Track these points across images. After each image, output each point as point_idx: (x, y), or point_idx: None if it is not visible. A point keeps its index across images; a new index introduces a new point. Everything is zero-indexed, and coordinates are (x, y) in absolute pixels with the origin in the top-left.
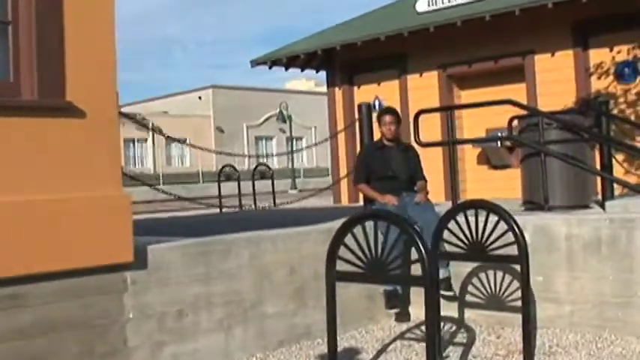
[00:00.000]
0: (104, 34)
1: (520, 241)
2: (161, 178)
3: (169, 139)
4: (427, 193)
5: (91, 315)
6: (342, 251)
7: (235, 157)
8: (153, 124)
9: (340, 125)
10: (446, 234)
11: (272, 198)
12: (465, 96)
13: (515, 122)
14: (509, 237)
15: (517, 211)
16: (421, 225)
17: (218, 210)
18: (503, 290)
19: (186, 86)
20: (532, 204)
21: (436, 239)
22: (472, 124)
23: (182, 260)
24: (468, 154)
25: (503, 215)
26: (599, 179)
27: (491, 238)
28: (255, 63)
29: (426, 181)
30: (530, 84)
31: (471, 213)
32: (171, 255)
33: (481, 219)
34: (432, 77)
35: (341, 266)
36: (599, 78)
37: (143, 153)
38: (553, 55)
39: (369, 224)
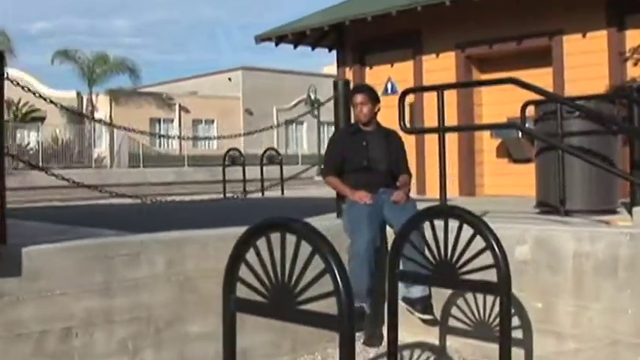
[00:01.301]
0: None
1: (500, 264)
2: (186, 159)
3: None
4: (409, 190)
5: None
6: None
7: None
8: (180, 105)
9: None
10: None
11: (281, 185)
12: (486, 79)
13: (532, 110)
14: (489, 257)
15: (527, 213)
16: (396, 229)
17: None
18: (493, 316)
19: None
20: (546, 206)
21: (395, 254)
22: (492, 113)
23: (72, 266)
24: (487, 146)
25: (480, 228)
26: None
27: (464, 258)
28: (259, 39)
29: (410, 175)
30: (557, 68)
31: (441, 222)
32: (55, 259)
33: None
34: (449, 58)
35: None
36: (635, 64)
37: (170, 133)
38: (584, 35)
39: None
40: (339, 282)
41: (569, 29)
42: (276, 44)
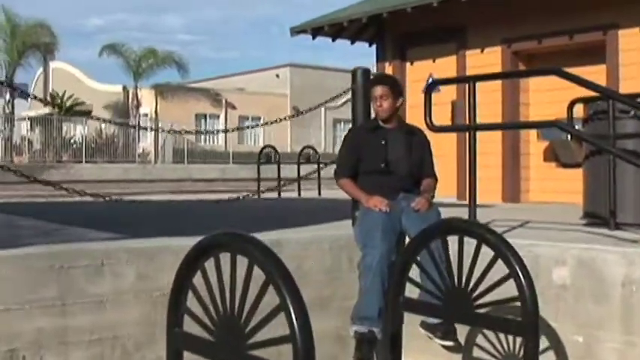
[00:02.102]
0: None
1: (526, 298)
2: (231, 156)
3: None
4: (433, 196)
5: None
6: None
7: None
8: (226, 101)
9: None
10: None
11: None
12: (534, 78)
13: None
14: (512, 286)
15: (572, 225)
16: None
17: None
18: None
19: None
20: (594, 218)
21: (401, 279)
22: (540, 114)
23: (19, 278)
24: (533, 148)
25: (502, 250)
26: None
27: (482, 286)
28: (294, 31)
29: (435, 179)
30: (612, 65)
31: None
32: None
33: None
34: (494, 54)
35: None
36: None
37: (215, 129)
38: None
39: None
40: (295, 325)
41: (625, 23)
42: (313, 37)
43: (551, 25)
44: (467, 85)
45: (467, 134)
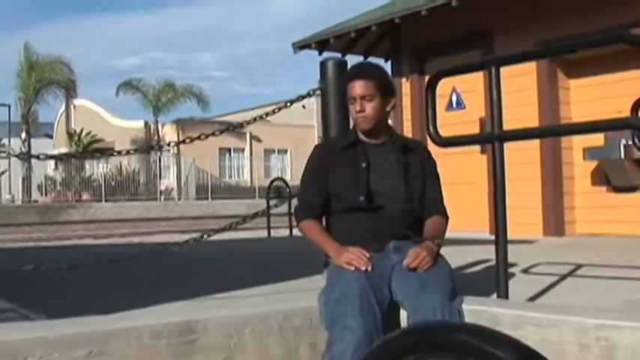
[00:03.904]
0: None
1: None
2: (257, 190)
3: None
4: (439, 245)
5: None
6: None
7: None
8: (251, 134)
9: (407, 129)
10: None
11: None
12: (575, 87)
13: None
14: None
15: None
16: (414, 317)
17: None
18: None
19: None
20: None
21: None
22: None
23: None
24: (579, 171)
25: None
26: None
27: None
28: (297, 47)
29: (446, 217)
30: None
31: None
32: None
33: None
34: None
35: None
36: None
37: (240, 163)
38: None
39: None
40: None
41: None
42: (319, 53)
43: (594, 24)
44: (485, 78)
45: (491, 148)
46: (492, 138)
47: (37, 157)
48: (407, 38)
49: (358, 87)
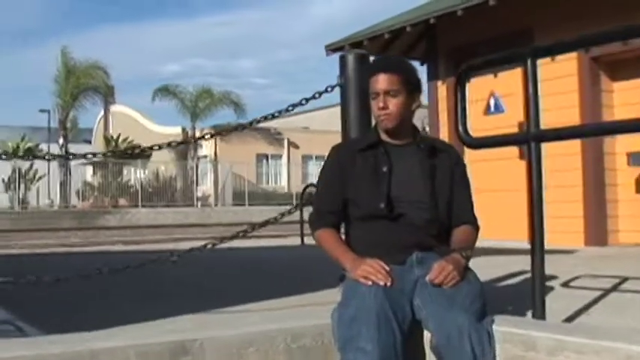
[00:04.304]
0: None
1: None
2: (294, 197)
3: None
4: (468, 257)
5: None
6: None
7: None
8: (289, 140)
9: (444, 134)
10: None
11: None
12: (619, 90)
13: None
14: None
15: None
16: (438, 338)
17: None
18: None
19: None
20: None
21: None
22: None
23: None
24: (623, 177)
25: None
26: None
27: None
28: (329, 49)
29: (476, 227)
30: None
31: None
32: None
33: None
34: (569, 62)
35: None
36: None
37: (278, 170)
38: None
39: None
40: None
41: None
42: None
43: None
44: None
45: (526, 149)
46: (528, 138)
47: (67, 158)
48: (443, 40)
49: (382, 81)
